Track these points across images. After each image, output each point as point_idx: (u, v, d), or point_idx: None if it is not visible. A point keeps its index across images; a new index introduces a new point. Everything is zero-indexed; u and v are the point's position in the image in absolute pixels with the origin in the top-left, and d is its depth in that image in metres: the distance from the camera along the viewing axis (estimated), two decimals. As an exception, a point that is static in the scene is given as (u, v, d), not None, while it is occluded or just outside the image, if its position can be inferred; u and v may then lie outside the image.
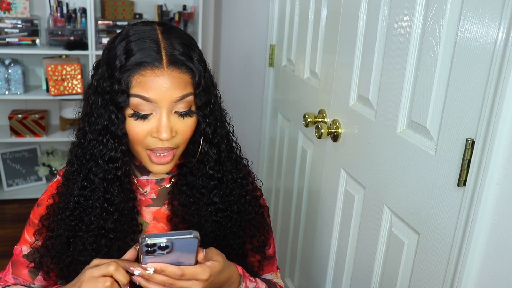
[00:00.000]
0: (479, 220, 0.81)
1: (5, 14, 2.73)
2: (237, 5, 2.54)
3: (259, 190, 1.03)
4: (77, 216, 0.88)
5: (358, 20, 1.19)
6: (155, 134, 0.82)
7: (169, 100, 0.81)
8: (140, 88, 0.80)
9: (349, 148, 1.27)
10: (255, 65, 2.17)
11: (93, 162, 0.86)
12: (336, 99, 1.33)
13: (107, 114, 0.82)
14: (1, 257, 2.33)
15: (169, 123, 0.82)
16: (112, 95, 0.81)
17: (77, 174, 0.88)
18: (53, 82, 2.76)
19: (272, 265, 1.08)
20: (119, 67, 0.81)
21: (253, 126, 2.22)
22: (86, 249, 0.88)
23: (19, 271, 0.98)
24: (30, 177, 3.09)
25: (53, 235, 0.90)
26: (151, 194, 0.95)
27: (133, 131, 0.83)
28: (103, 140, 0.84)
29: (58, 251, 0.90)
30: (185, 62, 0.82)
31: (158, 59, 0.80)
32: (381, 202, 1.12)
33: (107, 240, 0.87)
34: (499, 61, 0.75)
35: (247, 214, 0.97)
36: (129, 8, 2.90)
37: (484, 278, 0.82)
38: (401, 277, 1.06)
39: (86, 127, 0.86)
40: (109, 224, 0.87)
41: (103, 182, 0.85)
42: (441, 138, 0.90)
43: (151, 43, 0.82)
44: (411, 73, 0.99)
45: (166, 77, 0.80)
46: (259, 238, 0.99)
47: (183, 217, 0.93)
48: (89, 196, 0.87)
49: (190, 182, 0.93)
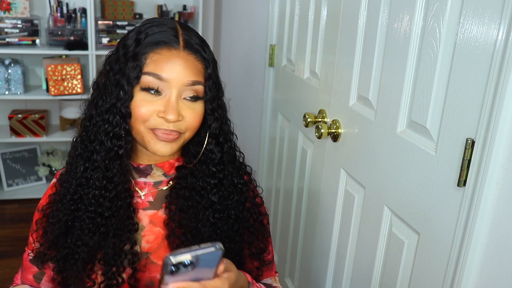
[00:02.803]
0: (479, 220, 0.81)
1: (5, 14, 2.73)
2: (237, 5, 2.54)
3: (260, 198, 1.02)
4: (77, 200, 0.88)
5: (358, 20, 1.19)
6: (162, 114, 0.82)
7: (181, 82, 0.82)
8: (154, 66, 0.82)
9: (349, 148, 1.27)
10: (255, 65, 2.17)
11: (96, 142, 0.86)
12: (336, 99, 1.33)
13: (116, 91, 0.83)
14: (1, 257, 2.32)
15: (177, 105, 0.83)
16: (125, 70, 0.82)
17: (80, 158, 0.88)
18: (53, 82, 2.76)
19: (271, 270, 1.07)
20: (135, 45, 0.83)
21: (253, 126, 2.22)
22: (83, 230, 0.87)
23: (26, 276, 1.00)
24: (30, 177, 3.09)
25: (53, 221, 0.90)
26: (148, 197, 0.94)
27: (139, 109, 0.83)
28: (108, 118, 0.84)
29: (56, 237, 0.90)
30: (200, 51, 0.85)
31: (175, 41, 0.84)
32: (381, 202, 1.12)
33: (103, 219, 0.87)
34: (499, 61, 0.75)
35: (245, 221, 0.96)
36: (129, 8, 2.90)
37: (484, 278, 0.82)
38: (401, 277, 1.06)
39: (93, 111, 0.87)
40: (106, 202, 0.87)
41: (104, 160, 0.86)
42: (441, 138, 0.90)
43: (169, 29, 0.85)
44: (411, 73, 0.99)
45: (181, 59, 0.83)
46: (257, 245, 0.98)
47: (180, 222, 0.92)
48: (90, 176, 0.87)
49: (190, 184, 0.92)
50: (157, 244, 0.93)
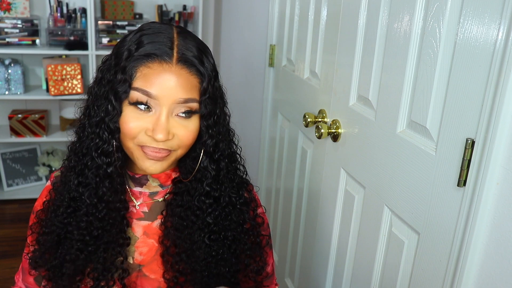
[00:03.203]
0: (479, 220, 0.81)
1: (5, 14, 2.73)
2: (237, 5, 2.54)
3: (261, 218, 0.96)
4: (70, 214, 0.86)
5: (358, 20, 1.19)
6: (150, 133, 0.78)
7: (172, 100, 0.77)
8: (144, 81, 0.76)
9: (349, 148, 1.27)
10: (255, 65, 2.17)
11: (89, 156, 0.82)
12: (336, 99, 1.33)
13: (105, 105, 0.79)
14: (1, 257, 2.33)
15: (167, 124, 0.77)
16: (113, 83, 0.78)
17: (73, 171, 0.85)
18: (53, 82, 2.76)
19: (271, 283, 1.05)
20: (126, 56, 0.78)
21: (253, 126, 2.22)
22: (72, 247, 0.85)
23: (27, 278, 0.99)
24: (30, 177, 3.09)
25: (46, 231, 0.88)
26: (143, 207, 0.91)
27: (127, 125, 0.78)
28: (99, 133, 0.80)
29: (48, 248, 0.88)
30: (196, 64, 0.79)
31: (168, 54, 0.77)
32: (381, 202, 1.12)
33: (92, 239, 0.85)
34: (499, 61, 0.75)
35: (242, 243, 0.91)
36: (129, 8, 2.90)
37: (484, 278, 0.82)
38: (401, 277, 1.06)
39: (86, 121, 0.83)
40: (97, 222, 0.84)
41: (96, 177, 0.82)
42: (441, 138, 0.90)
43: (165, 38, 0.79)
44: (411, 73, 0.99)
45: (173, 74, 0.76)
46: (253, 268, 0.94)
47: (175, 242, 0.88)
48: (82, 192, 0.84)
49: (186, 203, 0.88)
50: (151, 257, 0.91)
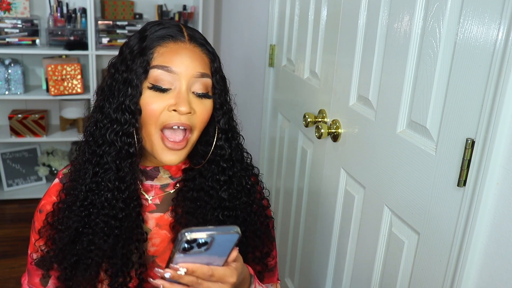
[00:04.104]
0: (479, 220, 0.81)
1: (5, 14, 2.73)
2: (237, 5, 2.54)
3: (267, 201, 1.00)
4: (88, 206, 0.86)
5: (358, 20, 1.19)
6: (174, 107, 0.81)
7: (190, 74, 0.82)
8: (162, 59, 0.82)
9: (349, 148, 1.27)
10: (255, 65, 2.17)
11: (106, 144, 0.84)
12: (336, 99, 1.33)
13: (124, 89, 0.82)
14: (1, 257, 2.32)
15: (188, 97, 0.82)
16: (132, 67, 0.82)
17: (88, 163, 0.86)
18: (53, 82, 2.76)
19: (273, 276, 1.06)
20: (140, 42, 0.83)
21: (253, 126, 2.22)
22: (96, 234, 0.85)
23: (33, 280, 0.98)
24: (30, 177, 3.09)
25: (62, 228, 0.88)
26: (155, 200, 0.93)
27: (149, 106, 0.82)
28: (117, 117, 0.82)
29: (64, 245, 0.87)
30: (205, 44, 0.87)
31: (181, 35, 0.85)
32: (381, 202, 1.12)
33: (117, 221, 0.85)
34: (499, 61, 0.75)
35: (252, 224, 0.94)
36: (129, 8, 2.90)
37: (484, 278, 0.82)
38: (401, 277, 1.06)
39: (98, 115, 0.85)
40: (120, 203, 0.85)
41: (115, 160, 0.84)
42: (441, 138, 0.90)
43: (173, 25, 0.87)
44: (411, 73, 0.99)
45: (188, 50, 0.83)
46: (262, 249, 0.97)
47: (187, 225, 0.90)
48: (101, 179, 0.85)
49: (198, 185, 0.91)
50: (163, 248, 0.93)
